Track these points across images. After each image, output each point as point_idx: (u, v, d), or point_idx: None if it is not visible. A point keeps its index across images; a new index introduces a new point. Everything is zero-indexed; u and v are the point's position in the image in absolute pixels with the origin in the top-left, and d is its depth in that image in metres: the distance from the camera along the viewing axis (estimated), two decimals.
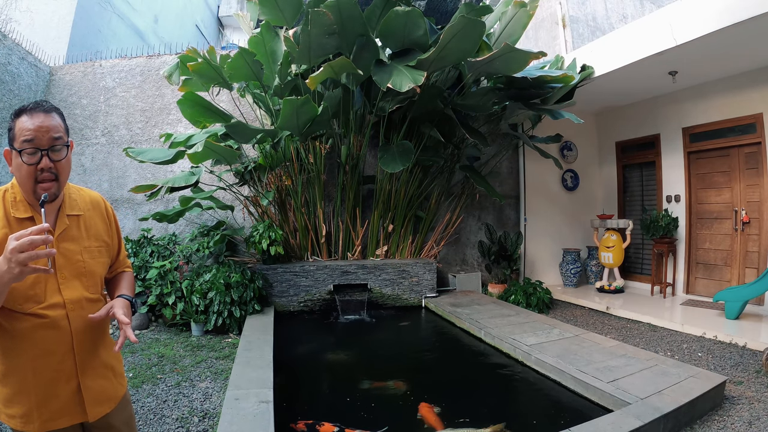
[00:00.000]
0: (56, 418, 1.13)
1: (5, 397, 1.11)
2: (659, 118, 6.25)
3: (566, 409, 2.72)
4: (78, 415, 1.16)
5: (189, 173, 4.63)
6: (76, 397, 1.15)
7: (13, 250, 0.87)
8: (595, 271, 6.66)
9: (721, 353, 3.72)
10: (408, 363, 3.65)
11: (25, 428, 1.10)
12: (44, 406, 1.11)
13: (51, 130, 1.08)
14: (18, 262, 0.88)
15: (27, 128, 1.05)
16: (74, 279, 1.16)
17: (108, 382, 1.24)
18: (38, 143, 1.06)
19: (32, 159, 1.06)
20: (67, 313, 1.12)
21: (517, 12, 4.56)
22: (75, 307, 1.14)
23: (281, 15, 4.61)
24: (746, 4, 3.66)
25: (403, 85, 3.96)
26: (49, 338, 1.10)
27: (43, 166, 1.07)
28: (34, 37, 5.89)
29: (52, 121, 1.09)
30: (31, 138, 1.05)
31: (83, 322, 1.15)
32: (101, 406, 1.21)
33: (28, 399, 1.10)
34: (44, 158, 1.07)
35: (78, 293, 1.15)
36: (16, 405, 1.10)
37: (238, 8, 13.59)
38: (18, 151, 1.06)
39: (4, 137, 5.10)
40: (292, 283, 4.99)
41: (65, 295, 1.13)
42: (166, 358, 3.63)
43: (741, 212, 5.28)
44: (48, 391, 1.11)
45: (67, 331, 1.12)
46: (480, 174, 5.91)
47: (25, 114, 1.07)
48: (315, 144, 5.32)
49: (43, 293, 1.09)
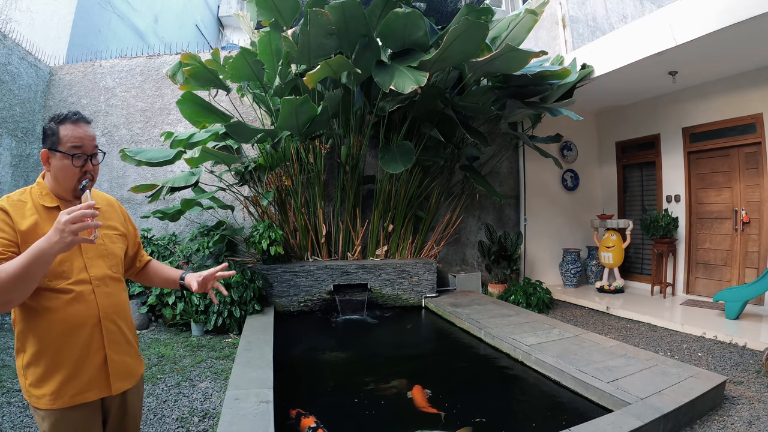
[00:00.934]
0: (84, 392, 1.22)
1: (37, 377, 1.19)
2: (659, 118, 6.25)
3: (566, 409, 2.72)
4: (103, 388, 1.26)
5: (189, 173, 4.63)
6: (102, 371, 1.26)
7: (66, 222, 1.01)
8: (595, 271, 6.66)
9: (721, 353, 3.72)
10: (408, 363, 3.65)
11: (53, 405, 1.18)
12: (75, 379, 1.21)
13: (93, 139, 1.30)
14: (71, 231, 1.02)
15: (76, 136, 1.25)
16: (98, 258, 1.30)
17: (130, 358, 1.36)
18: (85, 150, 1.26)
19: (80, 162, 1.25)
20: (93, 288, 1.26)
21: (525, 16, 4.58)
22: (100, 283, 1.28)
23: (278, 15, 4.61)
24: (746, 4, 3.66)
25: (405, 86, 3.96)
26: (79, 312, 1.22)
27: (87, 169, 1.28)
28: (34, 37, 5.89)
29: (91, 130, 1.31)
30: (80, 145, 1.25)
31: (108, 298, 1.29)
32: (123, 381, 1.32)
33: (59, 375, 1.19)
34: (88, 162, 1.28)
35: (102, 271, 1.30)
36: (48, 383, 1.19)
37: (238, 8, 13.59)
38: (69, 155, 1.24)
39: (4, 137, 5.10)
40: (292, 283, 4.99)
41: (91, 272, 1.27)
42: (166, 358, 3.63)
43: (741, 212, 5.28)
44: (78, 364, 1.21)
45: (93, 305, 1.25)
46: (480, 174, 5.91)
47: (69, 122, 1.26)
48: (315, 144, 5.32)
49: (71, 270, 1.23)
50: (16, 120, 5.27)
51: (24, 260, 1.03)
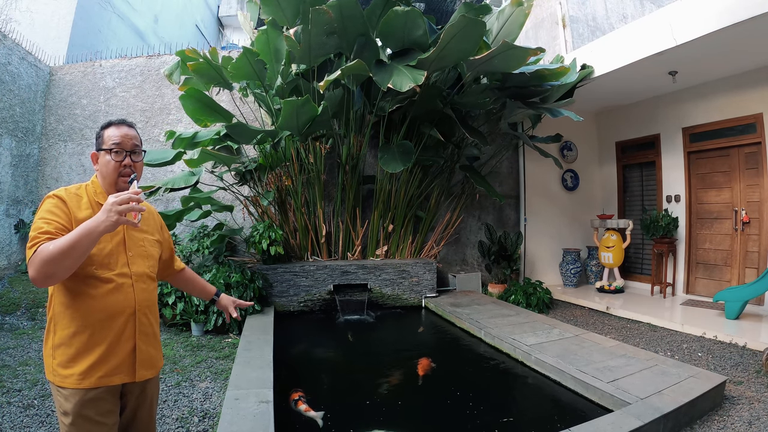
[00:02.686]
0: (111, 375, 1.31)
1: (69, 357, 1.28)
2: (659, 118, 6.25)
3: (566, 409, 2.72)
4: (129, 374, 1.36)
5: (189, 173, 4.62)
6: (130, 357, 1.36)
7: (114, 203, 1.12)
8: (595, 271, 6.66)
9: (721, 353, 3.72)
10: (407, 362, 3.64)
11: (80, 385, 1.26)
12: (104, 362, 1.30)
13: (133, 138, 1.43)
14: (117, 211, 1.12)
15: (116, 135, 1.39)
16: (139, 258, 1.42)
17: (155, 350, 1.47)
18: (123, 146, 1.39)
19: (119, 157, 1.38)
20: (132, 282, 1.37)
21: (514, 11, 4.57)
22: (138, 279, 1.40)
23: (282, 14, 4.60)
24: (746, 4, 3.66)
25: (403, 85, 3.96)
26: (118, 302, 1.33)
27: (126, 163, 1.39)
28: (34, 37, 5.89)
29: (133, 131, 1.44)
30: (119, 142, 1.39)
31: (143, 293, 1.40)
32: (147, 370, 1.42)
33: (91, 356, 1.28)
34: (127, 157, 1.40)
35: (142, 269, 1.42)
36: (79, 362, 1.27)
37: (238, 8, 13.59)
38: (108, 150, 1.37)
39: (4, 137, 5.10)
40: (292, 283, 4.99)
41: (132, 268, 1.39)
42: (166, 358, 3.62)
43: (741, 212, 5.28)
44: (110, 349, 1.31)
45: (131, 297, 1.36)
46: (480, 174, 5.91)
47: (113, 126, 1.41)
48: (315, 144, 5.32)
49: (116, 263, 1.35)
50: (16, 120, 5.27)
51: (73, 236, 1.12)
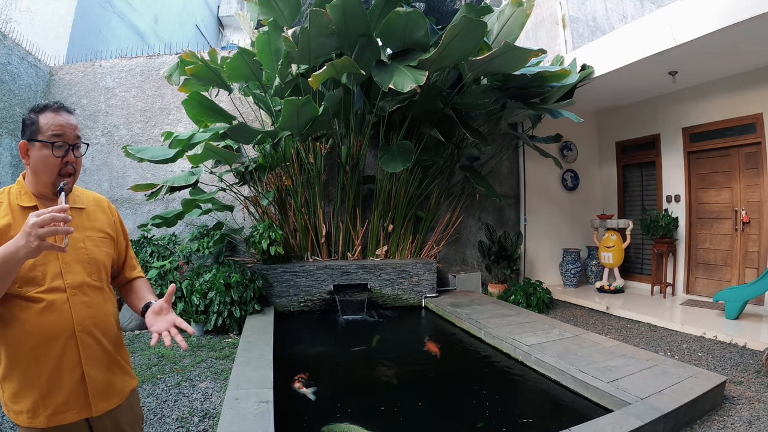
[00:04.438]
0: (61, 412, 1.11)
1: (12, 392, 1.10)
2: (659, 118, 6.25)
3: (566, 409, 2.72)
4: (83, 409, 1.14)
5: (189, 173, 4.62)
6: (80, 388, 1.13)
7: (33, 225, 0.92)
8: (595, 271, 6.66)
9: (721, 353, 3.72)
10: (407, 362, 3.64)
11: (32, 424, 1.09)
12: (49, 397, 1.10)
13: (76, 129, 1.19)
14: (38, 236, 0.92)
15: (56, 124, 1.15)
16: (76, 264, 1.18)
17: (113, 374, 1.22)
18: (66, 138, 1.16)
19: (60, 152, 1.15)
20: (68, 297, 1.13)
21: (515, 12, 4.56)
22: (76, 291, 1.15)
23: (280, 14, 4.61)
24: (746, 4, 3.66)
25: (404, 85, 3.96)
26: (51, 323, 1.10)
27: (69, 160, 1.17)
28: (34, 37, 5.89)
29: (74, 120, 1.21)
30: (61, 133, 1.15)
31: (85, 308, 1.16)
32: (105, 400, 1.19)
33: (32, 392, 1.09)
34: (70, 152, 1.17)
35: (80, 278, 1.17)
36: (23, 399, 1.09)
37: (238, 8, 13.59)
38: (49, 143, 1.13)
39: (4, 137, 5.10)
40: (292, 283, 4.99)
41: (66, 279, 1.14)
42: (166, 358, 3.62)
43: (741, 212, 5.28)
44: (52, 381, 1.10)
45: (68, 316, 1.12)
46: (480, 174, 5.91)
47: (50, 111, 1.16)
48: (315, 144, 5.32)
49: (44, 276, 1.11)
50: (16, 120, 5.26)
51: None
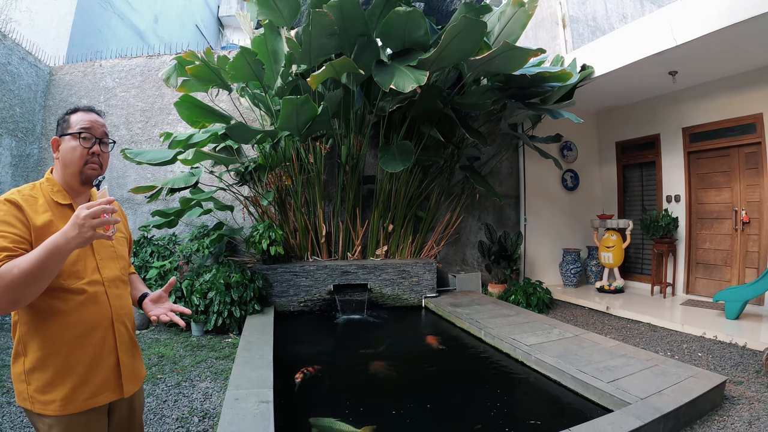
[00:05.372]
0: (98, 395, 1.20)
1: (44, 382, 1.14)
2: (659, 118, 6.25)
3: (566, 409, 2.72)
4: (116, 391, 1.25)
5: (189, 174, 4.63)
6: (114, 372, 1.25)
7: (86, 216, 1.00)
8: (595, 271, 6.66)
9: (721, 353, 3.72)
10: (407, 362, 3.64)
11: (64, 411, 1.14)
12: (88, 382, 1.18)
13: (103, 126, 1.31)
14: (90, 226, 1.00)
15: (85, 120, 1.26)
16: (109, 260, 1.29)
17: (137, 360, 1.36)
18: (94, 132, 1.27)
19: (87, 143, 1.25)
20: (105, 290, 1.24)
21: (516, 12, 4.56)
22: (111, 285, 1.27)
23: (279, 15, 4.60)
24: (746, 4, 3.66)
25: (405, 85, 3.96)
26: (93, 313, 1.20)
27: (95, 151, 1.26)
28: (34, 37, 5.89)
29: (102, 120, 1.32)
30: (89, 127, 1.26)
31: (118, 300, 1.28)
32: (133, 383, 1.31)
33: (70, 379, 1.15)
34: (96, 145, 1.27)
35: (113, 273, 1.29)
36: (58, 387, 1.14)
37: (238, 8, 13.60)
38: (77, 134, 1.24)
39: (4, 137, 5.10)
40: (292, 283, 4.99)
41: (103, 273, 1.25)
42: (166, 358, 3.62)
43: (741, 212, 5.28)
44: (92, 367, 1.19)
45: (106, 306, 1.24)
46: (480, 174, 5.91)
47: (80, 111, 1.28)
48: (315, 144, 5.32)
49: (85, 270, 1.21)
50: (16, 120, 5.27)
51: (38, 255, 0.99)
